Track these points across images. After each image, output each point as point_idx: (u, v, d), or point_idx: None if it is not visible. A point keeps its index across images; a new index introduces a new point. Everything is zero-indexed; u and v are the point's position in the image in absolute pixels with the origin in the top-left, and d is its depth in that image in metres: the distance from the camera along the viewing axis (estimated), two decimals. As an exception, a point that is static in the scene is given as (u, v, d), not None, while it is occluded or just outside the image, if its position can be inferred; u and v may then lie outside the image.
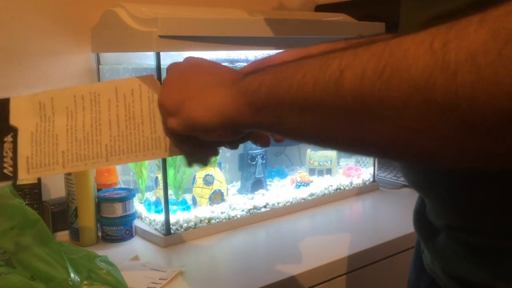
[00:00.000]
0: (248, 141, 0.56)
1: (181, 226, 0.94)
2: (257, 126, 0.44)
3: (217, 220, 0.98)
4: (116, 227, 0.93)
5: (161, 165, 0.93)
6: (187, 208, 0.98)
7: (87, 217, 0.92)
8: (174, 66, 0.53)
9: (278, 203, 1.08)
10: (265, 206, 1.06)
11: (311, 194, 1.14)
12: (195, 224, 0.95)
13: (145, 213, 0.99)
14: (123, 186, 1.05)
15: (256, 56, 1.04)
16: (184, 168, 1.00)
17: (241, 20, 0.97)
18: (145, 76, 0.58)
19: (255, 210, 1.04)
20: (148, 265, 0.81)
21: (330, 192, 1.17)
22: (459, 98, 0.27)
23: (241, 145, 0.56)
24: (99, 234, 0.95)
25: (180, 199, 1.01)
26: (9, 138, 0.55)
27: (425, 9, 0.39)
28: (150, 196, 1.05)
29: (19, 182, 0.91)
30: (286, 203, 1.09)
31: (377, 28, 1.15)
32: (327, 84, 0.33)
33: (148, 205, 1.01)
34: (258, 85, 0.41)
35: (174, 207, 0.97)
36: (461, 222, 0.43)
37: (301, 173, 1.17)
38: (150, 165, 1.04)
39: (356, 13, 1.22)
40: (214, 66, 0.52)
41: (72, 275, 0.62)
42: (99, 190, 0.98)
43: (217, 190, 1.02)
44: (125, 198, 0.94)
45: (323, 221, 1.06)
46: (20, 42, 1.02)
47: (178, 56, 0.93)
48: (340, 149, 0.39)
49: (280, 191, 1.14)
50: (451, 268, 0.46)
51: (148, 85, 0.57)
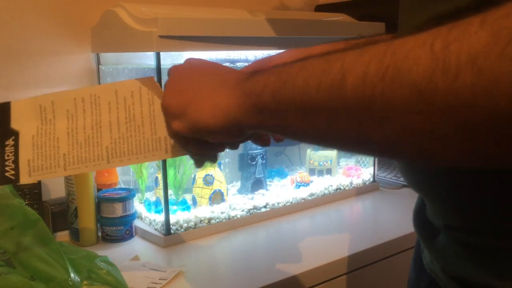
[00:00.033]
0: (248, 141, 0.56)
1: (181, 226, 0.94)
2: (261, 128, 0.44)
3: (217, 220, 0.98)
4: (116, 227, 0.93)
5: (161, 165, 0.93)
6: (187, 208, 0.98)
7: (87, 217, 0.92)
8: (175, 68, 0.53)
9: (278, 203, 1.08)
10: (265, 206, 1.06)
11: (311, 194, 1.14)
12: (195, 224, 0.95)
13: (145, 213, 0.99)
14: (123, 186, 1.06)
15: (256, 56, 1.04)
16: (184, 168, 1.00)
17: (241, 20, 0.97)
18: (145, 78, 0.58)
19: (255, 210, 1.04)
20: (148, 265, 0.81)
21: (330, 192, 1.17)
22: (460, 99, 0.27)
23: (241, 145, 0.56)
24: (99, 234, 0.95)
25: (180, 199, 1.01)
26: (10, 142, 0.55)
27: (424, 9, 0.39)
28: (150, 196, 1.05)
29: (19, 182, 0.91)
30: (286, 203, 1.09)
31: (377, 28, 1.15)
32: (329, 87, 0.34)
33: (148, 205, 1.01)
34: (261, 87, 0.41)
35: (174, 207, 0.97)
36: (461, 222, 0.43)
37: (301, 173, 1.17)
38: (150, 165, 1.04)
39: (356, 13, 1.22)
40: (215, 67, 0.52)
41: (72, 275, 0.62)
42: (99, 190, 0.98)
43: (217, 190, 1.02)
44: (125, 198, 0.94)
45: (323, 221, 1.06)
46: (20, 42, 1.02)
47: (178, 56, 0.93)
48: (343, 149, 0.40)
49: (280, 191, 1.14)
50: (450, 268, 0.46)
51: (148, 87, 0.57)
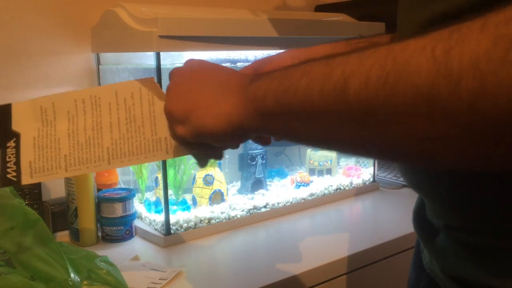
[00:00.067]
0: (248, 141, 0.56)
1: (181, 226, 0.94)
2: (264, 131, 0.45)
3: (217, 220, 0.98)
4: (116, 227, 0.93)
5: (161, 165, 0.93)
6: (187, 208, 0.98)
7: (87, 217, 0.92)
8: (176, 71, 0.53)
9: (278, 203, 1.08)
10: (265, 206, 1.06)
11: (311, 194, 1.14)
12: (195, 224, 0.95)
13: (145, 213, 0.99)
14: (123, 186, 1.06)
15: (256, 56, 1.04)
16: (184, 168, 1.00)
17: (241, 20, 0.97)
18: (145, 79, 0.58)
19: (255, 210, 1.04)
20: (148, 265, 0.81)
21: (330, 192, 1.17)
22: (463, 104, 0.27)
23: (241, 145, 0.57)
24: (99, 234, 0.95)
25: (180, 199, 1.01)
26: (11, 144, 0.55)
27: (423, 9, 0.39)
28: (150, 196, 1.05)
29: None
30: (286, 203, 1.09)
31: (377, 28, 1.15)
32: (332, 92, 0.34)
33: (148, 205, 1.01)
34: (264, 92, 0.41)
35: (174, 207, 0.97)
36: (461, 222, 0.43)
37: (301, 173, 1.17)
38: (150, 165, 1.04)
39: (356, 13, 1.22)
40: (216, 68, 0.51)
41: (72, 275, 0.62)
42: (99, 190, 0.98)
43: (217, 190, 1.02)
44: (125, 198, 0.94)
45: (323, 221, 1.06)
46: (20, 42, 1.02)
47: (178, 56, 0.93)
48: (345, 152, 0.41)
49: (280, 191, 1.14)
50: (450, 268, 0.46)
51: (148, 88, 0.57)
